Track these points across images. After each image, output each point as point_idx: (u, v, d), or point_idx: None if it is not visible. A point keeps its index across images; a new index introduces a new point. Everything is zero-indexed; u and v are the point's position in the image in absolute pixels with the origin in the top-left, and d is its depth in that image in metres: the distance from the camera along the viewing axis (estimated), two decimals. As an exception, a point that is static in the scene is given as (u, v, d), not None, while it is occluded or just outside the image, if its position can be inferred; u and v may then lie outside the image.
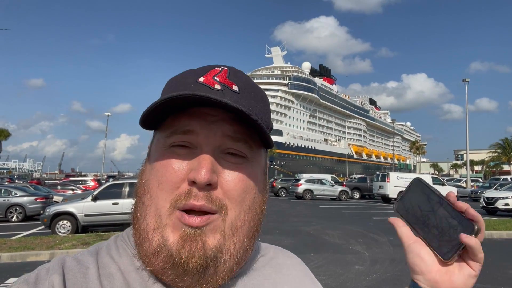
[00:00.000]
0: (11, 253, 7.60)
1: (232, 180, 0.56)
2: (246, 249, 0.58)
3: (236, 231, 0.56)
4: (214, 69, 0.60)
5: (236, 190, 0.56)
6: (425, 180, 0.60)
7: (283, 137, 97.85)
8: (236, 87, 0.58)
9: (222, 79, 0.58)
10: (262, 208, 0.62)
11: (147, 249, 0.55)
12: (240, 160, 0.58)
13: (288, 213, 17.58)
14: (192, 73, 0.60)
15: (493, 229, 11.25)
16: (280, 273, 0.67)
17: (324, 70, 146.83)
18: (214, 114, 0.56)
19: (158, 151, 0.58)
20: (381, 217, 16.01)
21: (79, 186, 24.85)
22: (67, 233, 10.42)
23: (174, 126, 0.57)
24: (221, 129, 0.56)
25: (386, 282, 6.12)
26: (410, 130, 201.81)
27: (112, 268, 0.57)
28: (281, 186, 32.02)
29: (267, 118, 0.62)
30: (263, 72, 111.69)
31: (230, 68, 0.61)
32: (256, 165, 0.60)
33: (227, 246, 0.55)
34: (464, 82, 40.96)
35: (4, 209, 14.66)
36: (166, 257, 0.53)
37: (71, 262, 0.56)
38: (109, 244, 0.62)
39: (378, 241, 9.76)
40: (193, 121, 0.56)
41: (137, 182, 0.61)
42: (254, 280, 0.63)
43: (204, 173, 0.53)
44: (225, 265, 0.55)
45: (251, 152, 0.59)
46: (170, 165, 0.56)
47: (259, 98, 0.61)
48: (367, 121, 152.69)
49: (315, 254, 8.05)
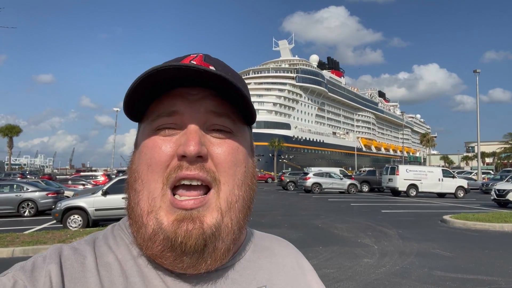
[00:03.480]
0: (24, 247, 7.73)
1: (222, 152, 0.57)
2: (241, 226, 0.59)
3: (232, 206, 0.57)
4: (189, 56, 0.61)
5: (227, 162, 0.57)
6: None
7: (291, 131, 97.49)
8: (213, 68, 0.58)
9: (198, 62, 0.59)
10: (253, 183, 0.62)
11: (143, 235, 0.55)
12: (226, 135, 0.58)
13: (297, 206, 17.58)
14: (172, 61, 0.60)
15: (504, 222, 11.12)
16: (275, 263, 0.67)
17: (332, 62, 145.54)
18: (196, 93, 0.57)
19: (145, 137, 0.59)
20: (390, 210, 15.93)
21: (89, 181, 25.13)
22: (78, 228, 10.56)
23: (159, 110, 0.57)
24: (204, 106, 0.57)
25: (395, 275, 6.10)
26: (420, 122, 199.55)
27: (110, 257, 0.57)
28: (289, 179, 31.97)
29: (248, 95, 0.62)
30: (271, 66, 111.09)
31: (205, 54, 0.63)
32: (242, 140, 0.61)
33: (224, 223, 0.56)
34: (475, 73, 40.33)
35: (17, 204, 14.88)
36: (163, 240, 0.53)
37: (68, 251, 0.56)
38: (106, 233, 0.62)
39: (387, 234, 9.71)
40: (177, 101, 0.57)
41: (127, 172, 0.61)
42: (249, 270, 0.63)
43: (193, 145, 0.53)
44: (223, 243, 0.56)
45: (235, 126, 0.60)
46: (157, 145, 0.56)
47: (237, 78, 0.61)
48: (376, 114, 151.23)
49: (323, 247, 8.05)
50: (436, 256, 7.49)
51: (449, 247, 8.18)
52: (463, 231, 10.49)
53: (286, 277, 0.66)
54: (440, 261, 7.07)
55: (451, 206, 18.20)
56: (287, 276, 0.67)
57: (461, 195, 23.85)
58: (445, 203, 20.02)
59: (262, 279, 0.63)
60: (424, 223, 12.01)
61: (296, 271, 0.69)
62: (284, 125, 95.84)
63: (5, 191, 15.27)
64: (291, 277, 0.67)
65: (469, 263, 6.92)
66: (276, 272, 0.66)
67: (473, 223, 11.18)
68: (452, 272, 6.25)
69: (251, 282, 0.62)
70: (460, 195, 23.80)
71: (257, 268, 0.64)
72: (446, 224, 11.69)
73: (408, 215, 14.28)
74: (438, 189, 24.03)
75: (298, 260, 0.72)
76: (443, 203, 20.04)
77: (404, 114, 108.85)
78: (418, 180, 24.04)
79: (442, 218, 12.36)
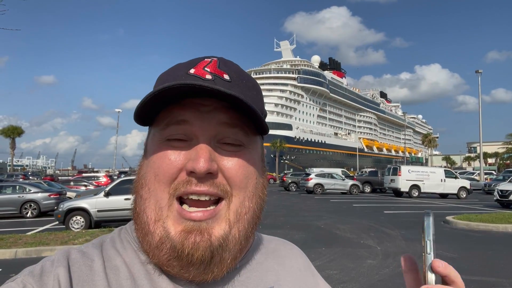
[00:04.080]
0: (27, 248, 7.73)
1: (232, 166, 0.56)
2: (248, 235, 0.59)
3: (241, 218, 0.56)
4: (203, 60, 0.59)
5: (238, 176, 0.56)
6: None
7: (292, 132, 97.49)
8: (227, 76, 0.57)
9: (212, 69, 0.57)
10: (264, 194, 0.62)
11: (150, 242, 0.55)
12: (237, 148, 0.57)
13: (299, 207, 17.56)
14: (182, 66, 0.59)
15: (507, 222, 11.08)
16: (282, 265, 0.68)
17: (334, 63, 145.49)
18: (207, 104, 0.56)
19: (154, 145, 0.58)
20: (392, 211, 15.89)
21: (91, 182, 25.15)
22: (81, 229, 10.57)
23: (168, 118, 0.57)
24: (216, 118, 0.56)
25: (398, 276, 6.07)
26: (422, 123, 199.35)
27: (117, 261, 0.57)
28: (291, 180, 31.98)
29: (261, 104, 0.62)
30: (272, 67, 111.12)
31: (220, 59, 0.61)
32: (253, 152, 0.60)
33: (232, 234, 0.55)
34: (477, 73, 40.27)
35: (19, 205, 14.90)
36: (170, 249, 0.53)
37: (76, 255, 0.56)
38: (113, 236, 0.62)
39: (390, 235, 9.69)
40: (186, 111, 0.56)
41: (135, 178, 0.61)
42: (256, 272, 0.63)
43: (203, 162, 0.52)
44: (230, 253, 0.56)
45: (247, 139, 0.59)
46: (166, 156, 0.55)
47: (251, 86, 0.61)
48: (378, 114, 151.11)
49: (326, 249, 8.03)
50: (439, 257, 7.34)
51: (452, 248, 8.15)
52: (466, 232, 10.46)
53: (293, 279, 0.67)
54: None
55: (453, 207, 18.15)
56: (294, 277, 0.67)
57: (464, 195, 23.79)
58: (448, 204, 19.97)
59: (269, 280, 0.63)
60: (427, 224, 11.95)
61: (303, 272, 0.70)
62: (286, 126, 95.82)
63: (7, 192, 15.30)
64: (299, 279, 0.68)
65: (473, 264, 6.89)
66: (284, 274, 0.66)
67: (476, 224, 11.14)
68: (456, 273, 6.22)
69: (259, 283, 0.62)
70: (462, 195, 23.74)
71: (264, 270, 0.65)
72: (449, 225, 11.65)
73: (411, 215, 14.24)
74: (440, 189, 23.97)
75: (305, 262, 0.73)
76: (445, 204, 19.99)
77: (406, 114, 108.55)
78: (420, 181, 23.99)
79: (445, 219, 12.32)
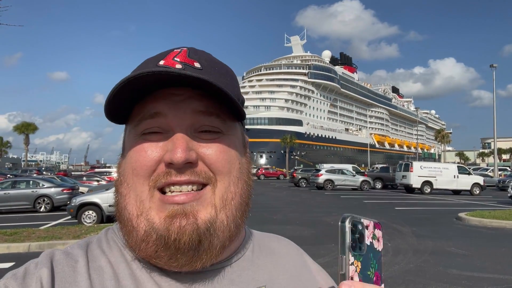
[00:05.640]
0: (40, 242, 7.88)
1: (213, 152, 0.55)
2: (238, 223, 0.57)
3: (227, 204, 0.55)
4: (173, 51, 0.58)
5: (220, 162, 0.55)
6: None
7: (303, 127, 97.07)
8: (198, 64, 0.56)
9: (182, 58, 0.56)
10: (250, 179, 0.60)
11: (135, 238, 0.54)
12: (216, 135, 0.56)
13: (309, 203, 17.53)
14: (152, 59, 0.58)
15: (522, 220, 10.90)
16: (276, 262, 0.66)
17: (345, 58, 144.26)
18: (180, 94, 0.55)
19: (130, 141, 0.57)
20: (404, 207, 15.75)
21: (104, 177, 25.44)
22: (93, 223, 10.72)
23: (141, 113, 0.55)
24: (190, 107, 0.55)
25: (409, 273, 6.02)
26: (435, 118, 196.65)
27: (102, 261, 0.56)
28: (301, 176, 31.91)
29: (236, 90, 0.59)
30: (283, 62, 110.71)
31: (190, 48, 0.59)
32: (233, 138, 0.58)
33: (220, 219, 0.54)
34: (491, 67, 39.50)
35: (33, 200, 15.17)
36: (156, 240, 0.52)
37: (60, 256, 0.56)
38: (100, 237, 0.62)
39: (401, 232, 9.61)
40: (159, 103, 0.54)
41: (115, 177, 0.60)
42: (248, 270, 0.62)
43: (180, 152, 0.51)
44: (219, 240, 0.54)
45: (225, 126, 0.57)
46: (143, 149, 0.54)
47: (223, 72, 0.59)
48: (390, 110, 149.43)
49: (336, 245, 7.97)
50: (451, 254, 7.37)
51: (464, 245, 8.05)
52: (479, 229, 10.31)
53: (287, 276, 0.64)
54: (455, 259, 6.96)
55: (466, 203, 17.91)
56: (289, 275, 0.65)
57: (477, 192, 23.45)
58: (461, 200, 19.72)
59: (261, 279, 0.62)
60: (438, 221, 11.84)
61: (298, 269, 0.67)
62: (296, 122, 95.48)
63: (21, 187, 15.58)
64: (293, 276, 0.65)
65: (485, 261, 6.80)
66: (277, 272, 0.64)
67: (489, 221, 10.98)
68: (467, 271, 6.15)
69: (250, 282, 0.60)
70: (476, 192, 23.41)
71: (256, 268, 0.63)
72: (462, 222, 11.50)
73: (422, 212, 14.09)
74: (453, 186, 23.66)
75: (301, 258, 0.70)
76: (458, 200, 19.74)
77: (419, 109, 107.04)
78: (432, 177, 23.71)
79: (458, 215, 12.17)
